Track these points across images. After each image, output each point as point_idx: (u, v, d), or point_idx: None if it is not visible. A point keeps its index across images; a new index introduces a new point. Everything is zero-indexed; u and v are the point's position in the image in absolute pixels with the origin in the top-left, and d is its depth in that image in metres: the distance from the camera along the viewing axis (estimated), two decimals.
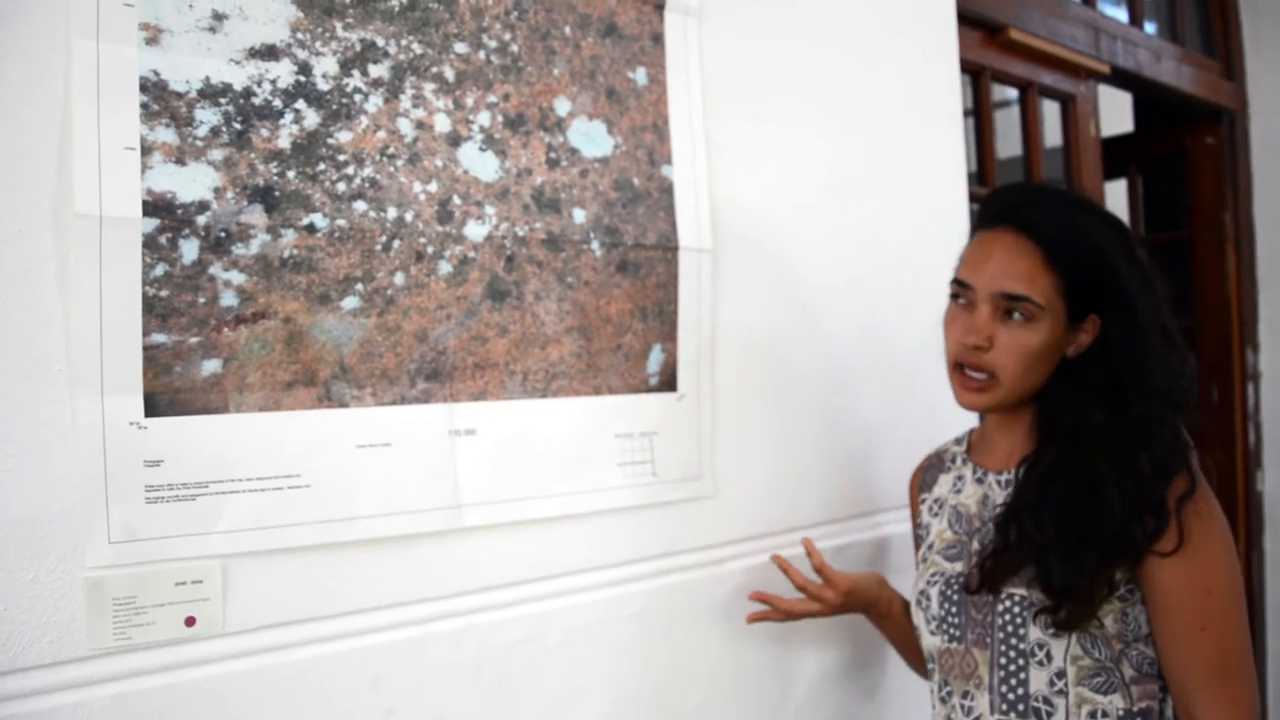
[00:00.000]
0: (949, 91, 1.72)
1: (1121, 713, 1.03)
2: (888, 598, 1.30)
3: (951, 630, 1.12)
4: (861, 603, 1.28)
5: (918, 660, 1.29)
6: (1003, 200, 1.14)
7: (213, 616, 0.91)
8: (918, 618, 1.18)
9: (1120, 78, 2.48)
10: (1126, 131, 3.11)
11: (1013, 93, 2.28)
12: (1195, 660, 1.00)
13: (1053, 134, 2.42)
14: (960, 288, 1.12)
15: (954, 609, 1.12)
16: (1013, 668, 1.06)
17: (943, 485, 1.24)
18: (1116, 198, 3.05)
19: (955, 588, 1.12)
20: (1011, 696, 1.06)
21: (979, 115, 2.09)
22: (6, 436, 0.81)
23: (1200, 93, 2.71)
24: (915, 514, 1.30)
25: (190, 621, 0.89)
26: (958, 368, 1.12)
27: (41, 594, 0.83)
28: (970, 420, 1.35)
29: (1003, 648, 1.07)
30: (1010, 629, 1.06)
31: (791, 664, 1.39)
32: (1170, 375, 1.06)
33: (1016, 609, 1.06)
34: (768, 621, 1.27)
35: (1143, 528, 1.00)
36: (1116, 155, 2.89)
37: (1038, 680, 1.05)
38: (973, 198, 1.75)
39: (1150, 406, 1.04)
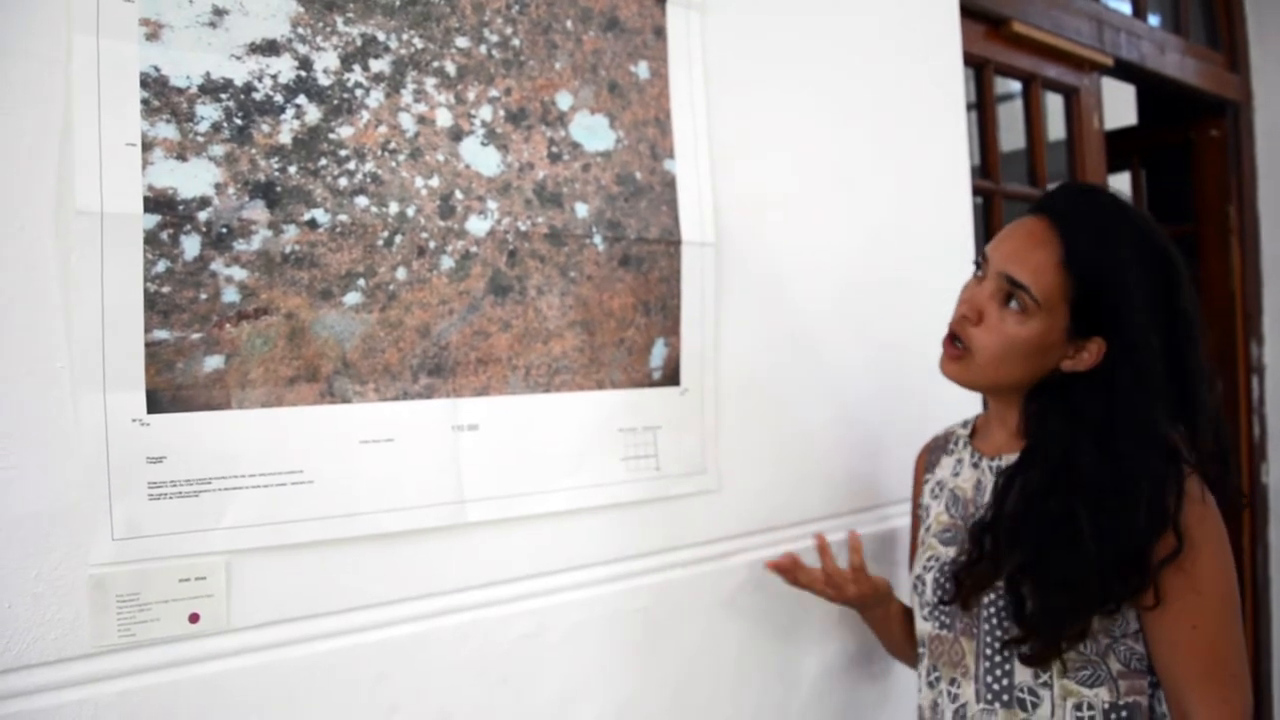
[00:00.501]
0: (952, 84, 1.71)
1: (1107, 706, 1.03)
2: (889, 607, 1.32)
3: (942, 617, 1.13)
4: (868, 605, 1.30)
5: (899, 649, 1.32)
6: (1059, 192, 1.13)
7: (216, 613, 0.91)
8: (914, 602, 1.19)
9: (1124, 70, 2.47)
10: (1131, 124, 3.10)
11: (1017, 85, 2.27)
12: (1187, 658, 0.99)
13: (1057, 127, 2.41)
14: (982, 259, 1.12)
15: (946, 596, 1.12)
16: (998, 659, 1.07)
17: (945, 467, 1.24)
18: (1120, 191, 3.04)
19: (949, 574, 1.12)
20: (996, 687, 1.06)
21: (982, 108, 2.08)
22: (9, 433, 0.81)
23: (1204, 85, 2.70)
24: (918, 493, 1.30)
25: (194, 618, 0.89)
26: (950, 334, 1.12)
27: (45, 591, 0.83)
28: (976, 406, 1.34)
29: (988, 639, 1.07)
30: (995, 620, 1.06)
31: (797, 659, 1.38)
32: (1190, 432, 1.02)
33: (1001, 601, 1.06)
34: (779, 574, 1.27)
35: (1123, 582, 0.98)
36: (1121, 148, 2.88)
37: (1022, 672, 1.05)
38: (976, 190, 1.75)
39: (1145, 461, 1.00)
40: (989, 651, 1.07)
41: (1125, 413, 1.02)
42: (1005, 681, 1.06)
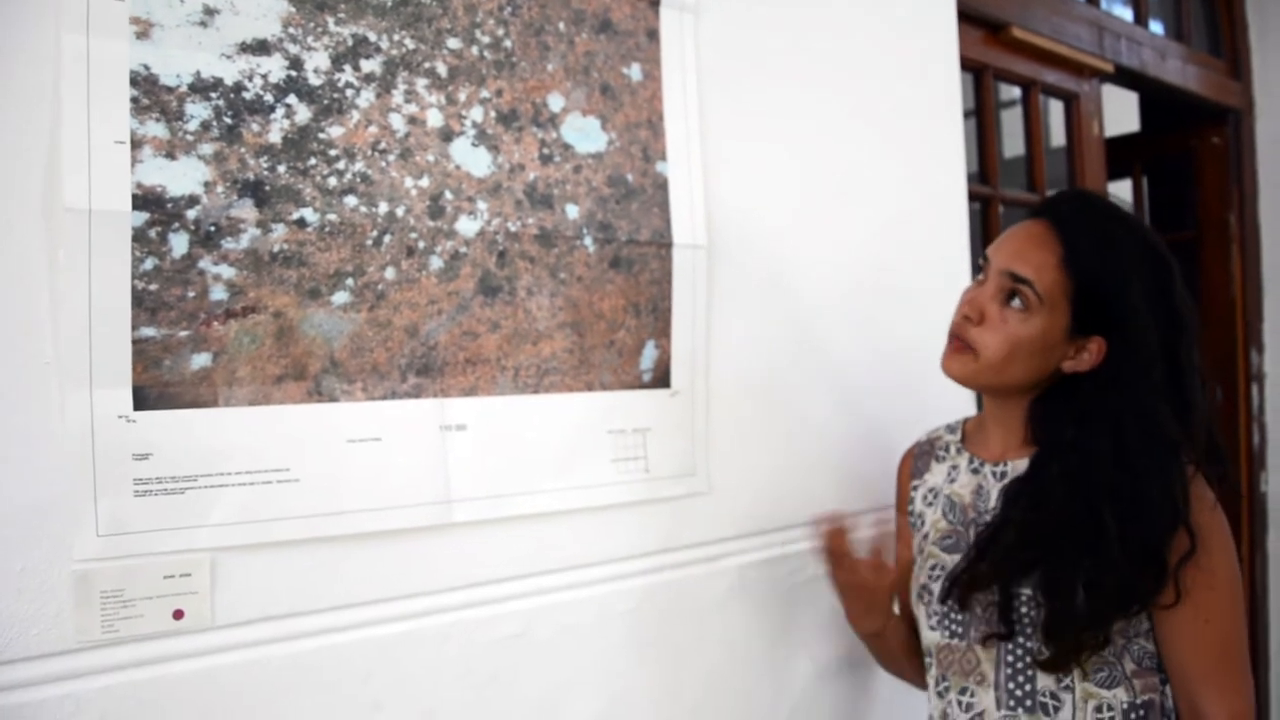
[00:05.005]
0: (949, 89, 1.71)
1: (1125, 706, 1.05)
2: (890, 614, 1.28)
3: (954, 627, 1.13)
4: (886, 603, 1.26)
5: (896, 663, 1.30)
6: (1059, 198, 1.16)
7: (201, 610, 0.91)
8: (919, 612, 1.18)
9: (1124, 77, 2.46)
10: (1133, 131, 3.09)
11: (1020, 91, 2.27)
12: (1199, 651, 1.02)
13: (1059, 133, 2.41)
14: (983, 261, 1.13)
15: (958, 605, 1.12)
16: (1019, 665, 1.07)
17: (936, 474, 1.24)
18: (1122, 197, 3.03)
19: (948, 578, 1.13)
20: (1019, 693, 1.07)
21: (981, 114, 2.08)
22: None
23: (1206, 92, 2.70)
24: (905, 499, 1.30)
25: (178, 614, 0.90)
26: (952, 336, 1.13)
27: (29, 586, 0.83)
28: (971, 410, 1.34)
29: (1010, 645, 1.07)
30: (1018, 628, 1.06)
31: (787, 661, 1.38)
32: (1185, 428, 1.04)
33: (1024, 609, 1.06)
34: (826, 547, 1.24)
35: (1145, 582, 1.00)
36: (1122, 155, 2.88)
37: (1045, 677, 1.06)
38: (972, 196, 1.75)
39: (1154, 458, 1.02)
40: (1010, 659, 1.07)
41: (1132, 410, 1.04)
42: (1028, 687, 1.07)
